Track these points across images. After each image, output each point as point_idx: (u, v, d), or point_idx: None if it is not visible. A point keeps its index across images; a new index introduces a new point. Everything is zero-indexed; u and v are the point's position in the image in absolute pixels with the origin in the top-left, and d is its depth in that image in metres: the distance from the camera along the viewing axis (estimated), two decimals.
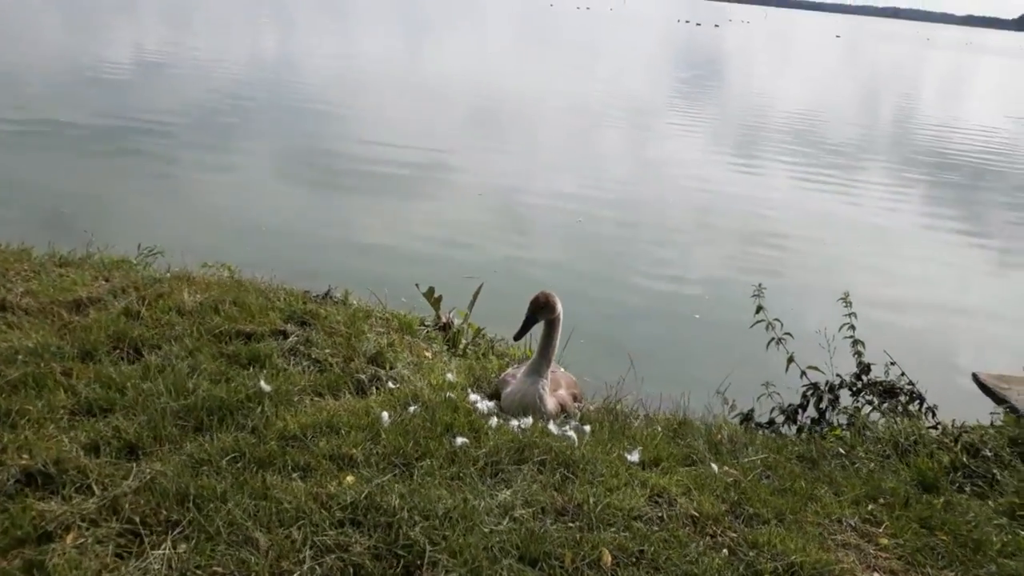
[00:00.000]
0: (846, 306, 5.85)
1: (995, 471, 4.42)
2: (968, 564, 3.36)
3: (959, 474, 4.43)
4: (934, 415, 5.77)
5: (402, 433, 3.64)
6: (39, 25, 32.15)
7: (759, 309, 5.61)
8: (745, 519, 3.37)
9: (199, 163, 14.23)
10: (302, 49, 33.95)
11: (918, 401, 5.76)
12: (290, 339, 4.84)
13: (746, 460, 3.95)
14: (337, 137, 17.41)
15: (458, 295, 6.42)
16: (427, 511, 3.00)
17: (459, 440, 3.59)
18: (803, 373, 5.59)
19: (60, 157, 13.50)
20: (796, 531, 3.30)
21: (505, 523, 3.01)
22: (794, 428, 5.37)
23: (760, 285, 5.63)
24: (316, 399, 4.08)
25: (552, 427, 4.03)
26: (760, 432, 5.21)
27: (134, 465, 3.20)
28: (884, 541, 3.44)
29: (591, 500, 3.22)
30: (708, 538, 3.19)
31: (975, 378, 8.07)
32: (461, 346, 6.08)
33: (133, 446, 3.35)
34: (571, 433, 3.85)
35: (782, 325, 5.62)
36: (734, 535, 3.22)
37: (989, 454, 4.60)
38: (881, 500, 3.85)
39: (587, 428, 4.06)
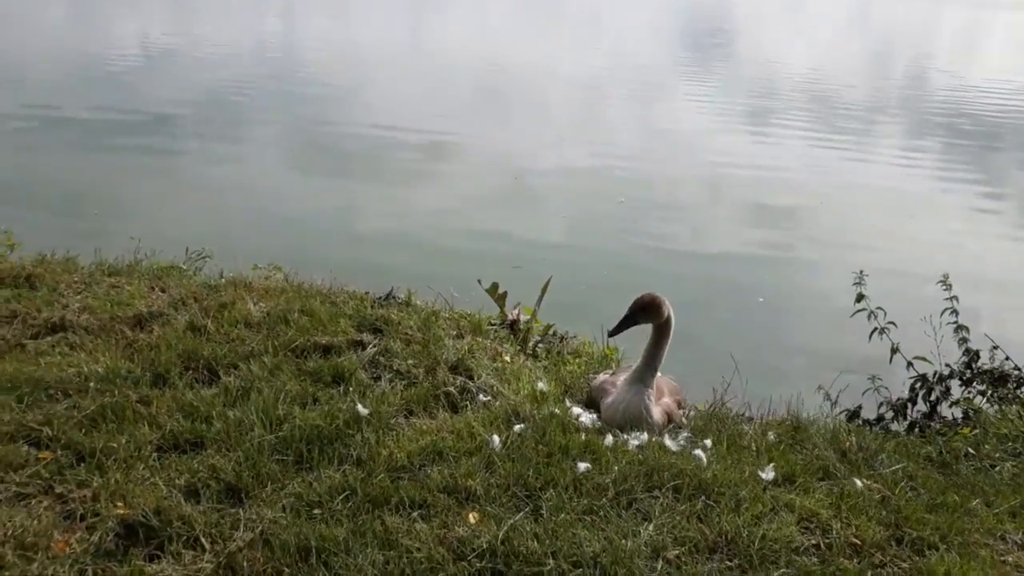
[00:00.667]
0: (946, 288, 5.48)
1: None
2: None
3: None
4: None
5: (517, 459, 3.34)
6: (35, 14, 31.72)
7: (860, 298, 5.25)
8: (910, 544, 3.05)
9: (211, 155, 13.91)
10: (304, 31, 33.37)
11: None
12: (368, 350, 4.55)
13: (887, 471, 3.62)
14: (349, 122, 17.00)
15: (508, 287, 6.03)
16: (573, 556, 2.70)
17: (581, 466, 3.29)
18: (909, 364, 5.24)
19: (67, 154, 13.19)
20: (966, 556, 2.98)
21: (660, 566, 2.71)
22: (904, 423, 5.04)
23: (862, 272, 5.27)
24: (411, 419, 3.78)
25: (669, 442, 3.72)
26: (870, 429, 4.89)
27: (240, 511, 2.91)
28: None
29: (743, 532, 2.91)
30: (877, 569, 2.88)
31: None
32: (530, 345, 5.77)
33: (234, 488, 3.06)
34: (698, 452, 3.53)
35: (885, 314, 5.27)
36: (905, 565, 2.90)
37: None
38: None
39: (708, 442, 3.73)
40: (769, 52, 35.82)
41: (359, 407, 3.63)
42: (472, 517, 2.94)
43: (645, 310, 3.95)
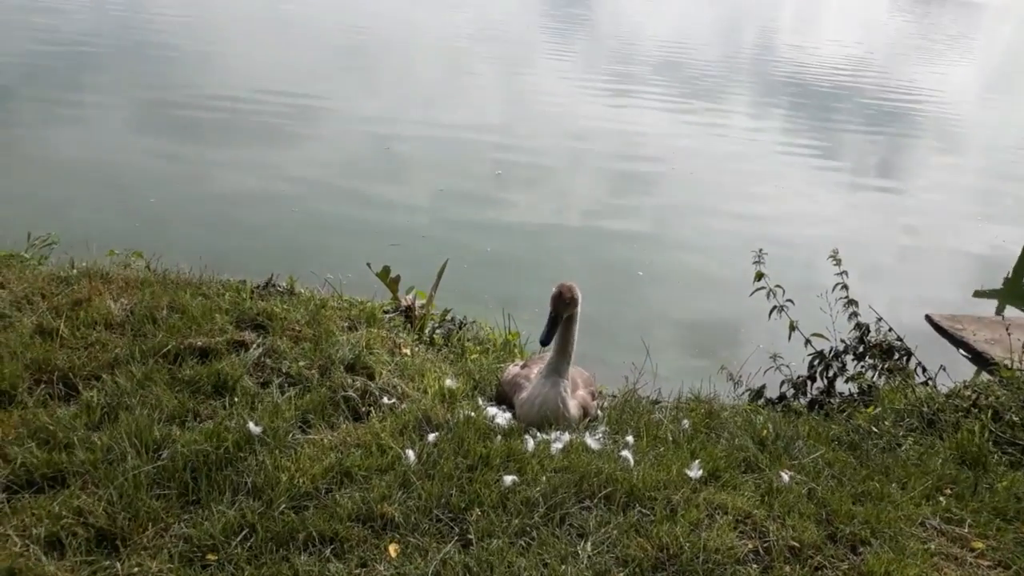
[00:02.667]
0: (836, 264, 5.58)
1: None
2: None
3: (989, 442, 4.24)
4: (925, 370, 5.65)
5: (436, 475, 3.03)
6: None
7: (759, 276, 5.25)
8: (844, 542, 3.00)
9: (49, 121, 12.44)
10: None
11: (906, 356, 5.63)
12: (252, 351, 4.09)
13: (807, 460, 3.58)
14: (205, 87, 15.71)
15: (393, 268, 5.66)
16: None
17: (507, 479, 3.03)
18: (807, 341, 5.31)
19: None
20: (899, 551, 2.95)
21: None
22: (805, 400, 5.10)
23: (761, 251, 5.26)
24: (310, 433, 3.39)
25: (590, 441, 3.52)
26: (774, 408, 4.92)
27: (116, 564, 2.47)
28: (978, 545, 3.17)
29: (684, 545, 2.75)
30: (816, 572, 2.79)
31: (928, 320, 8.15)
32: (428, 332, 5.45)
33: (107, 534, 2.60)
34: (625, 453, 3.34)
35: (784, 292, 5.30)
36: (844, 566, 2.84)
37: (1016, 419, 4.44)
38: (948, 491, 3.59)
39: (630, 439, 3.56)
40: (629, 19, 36.42)
41: (250, 424, 3.20)
42: (393, 550, 2.62)
43: (567, 304, 3.71)
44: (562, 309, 3.71)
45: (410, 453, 3.14)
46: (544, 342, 3.66)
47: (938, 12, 62.00)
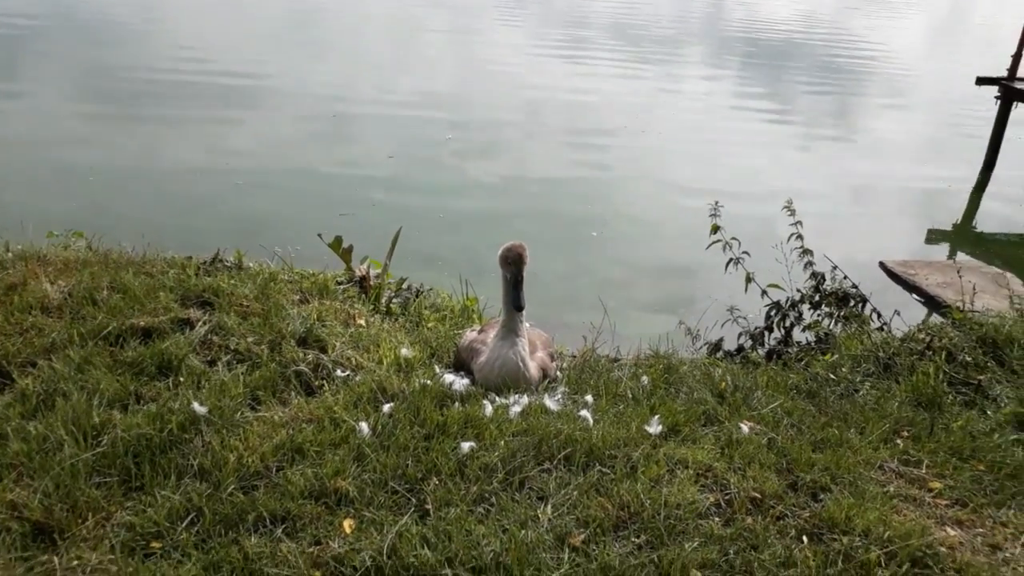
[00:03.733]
0: (791, 215, 5.58)
1: (979, 378, 4.31)
2: (1017, 495, 3.17)
3: (944, 383, 4.28)
4: (880, 316, 5.71)
5: (391, 446, 2.95)
6: None
7: (715, 229, 5.22)
8: (804, 490, 2.99)
9: None
10: None
11: (861, 303, 5.67)
12: (197, 328, 3.94)
13: (766, 410, 3.57)
14: (146, 61, 15.23)
15: (345, 238, 5.54)
16: (472, 561, 2.38)
17: (465, 446, 2.95)
18: (763, 292, 5.31)
19: None
20: (858, 496, 2.95)
21: (567, 556, 2.45)
22: (763, 351, 5.11)
23: (717, 203, 5.23)
24: (260, 411, 3.28)
25: (549, 402, 3.46)
26: (732, 360, 4.92)
27: (54, 558, 2.35)
28: (936, 485, 3.19)
29: (645, 503, 2.71)
30: (779, 522, 2.78)
31: (882, 266, 8.25)
32: (384, 302, 5.33)
33: (43, 528, 2.48)
34: (584, 413, 3.29)
35: (740, 244, 5.27)
36: (805, 513, 2.83)
37: (968, 359, 4.49)
38: (905, 433, 3.61)
39: (589, 398, 3.51)
40: None
41: (195, 404, 3.08)
42: (348, 526, 2.54)
43: (525, 262, 3.63)
44: (522, 269, 3.63)
45: (364, 426, 3.05)
46: (521, 307, 3.58)
47: None
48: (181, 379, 3.40)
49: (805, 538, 2.70)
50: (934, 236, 10.51)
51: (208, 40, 17.71)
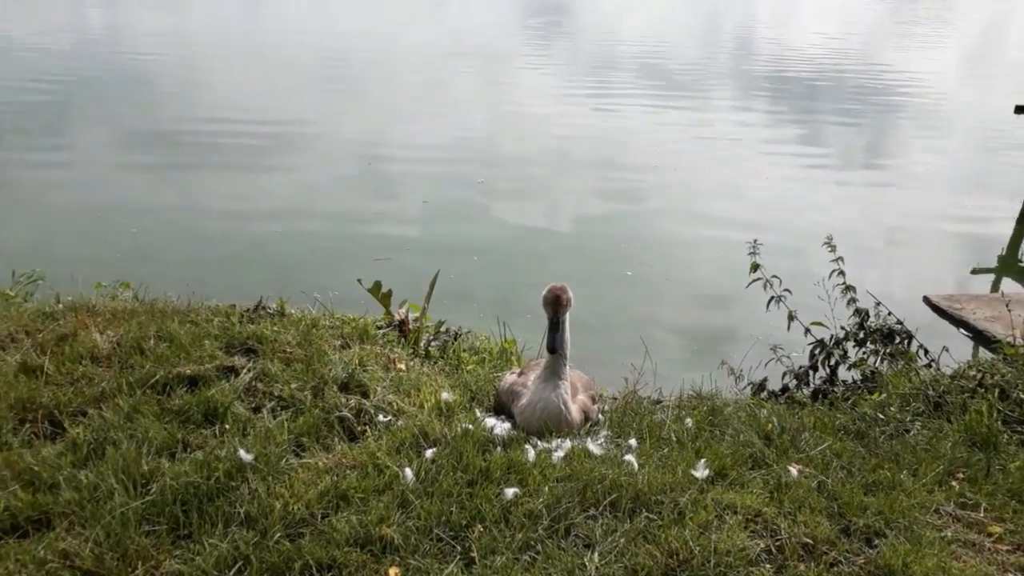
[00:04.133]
0: (831, 251, 5.51)
1: None
2: None
3: (998, 422, 4.16)
4: (927, 352, 5.58)
5: (435, 493, 2.94)
6: None
7: (755, 267, 5.18)
8: (858, 535, 2.91)
9: (32, 158, 12.41)
10: (131, 24, 30.61)
11: (907, 339, 5.55)
12: (242, 376, 4.00)
13: (814, 452, 3.49)
14: (186, 116, 15.66)
15: (383, 282, 5.59)
16: None
17: (509, 492, 2.93)
18: (807, 330, 5.23)
19: None
20: (915, 542, 2.86)
21: None
22: (807, 391, 5.02)
23: (756, 241, 5.19)
24: (304, 457, 3.30)
25: (592, 446, 3.43)
26: (777, 400, 4.84)
27: None
28: (996, 530, 3.08)
29: (694, 549, 2.66)
30: (832, 568, 2.70)
31: (926, 301, 8.08)
32: (423, 345, 5.36)
33: None
34: (629, 457, 3.26)
35: (780, 282, 5.23)
36: (860, 560, 2.75)
37: (1023, 396, 4.36)
38: (960, 475, 3.51)
39: (633, 442, 3.48)
40: (607, 24, 36.51)
41: (241, 452, 3.11)
42: (394, 574, 2.52)
43: (565, 306, 3.64)
44: (561, 312, 3.64)
45: (407, 471, 3.05)
46: (554, 349, 3.57)
47: None
48: (227, 426, 3.44)
49: None
50: (978, 269, 10.30)
51: (244, 92, 18.22)
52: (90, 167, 12.16)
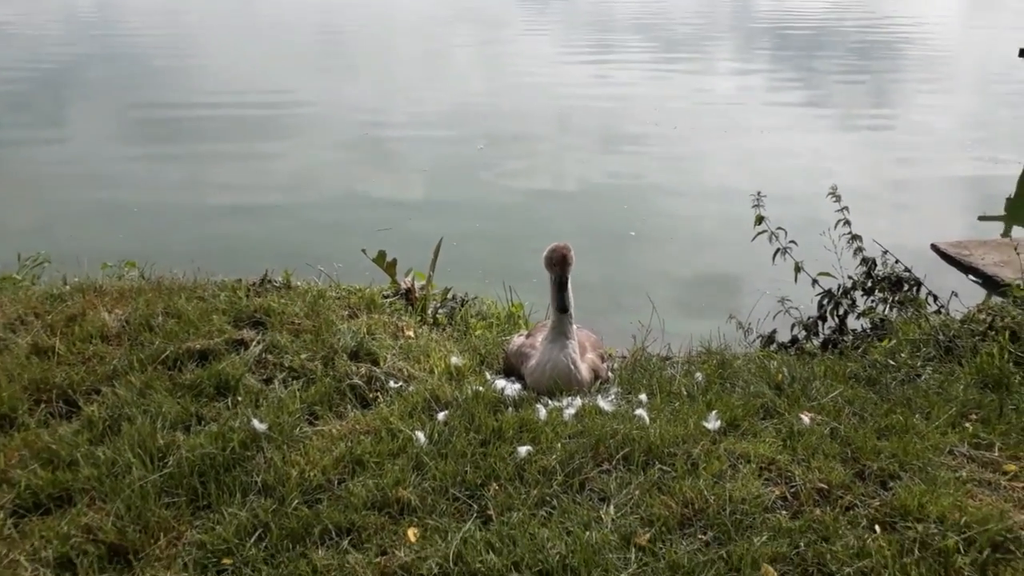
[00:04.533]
0: (836, 200, 5.46)
1: None
2: None
3: (1010, 363, 4.15)
4: (936, 299, 5.55)
5: (449, 454, 2.96)
6: None
7: (760, 220, 5.14)
8: (873, 478, 2.92)
9: (33, 139, 12.38)
10: (125, 4, 30.29)
11: (915, 286, 5.52)
12: (252, 348, 4.01)
13: (825, 400, 3.49)
14: (182, 94, 15.57)
15: (389, 252, 5.57)
16: (538, 564, 2.37)
17: (522, 450, 2.95)
18: (814, 281, 5.21)
19: None
20: (930, 482, 2.87)
21: (634, 556, 2.42)
22: (817, 342, 5.01)
23: (760, 193, 5.14)
24: (318, 425, 3.32)
25: (602, 403, 3.44)
26: (787, 352, 4.83)
27: None
28: (1011, 468, 3.08)
29: (709, 499, 2.68)
30: (848, 512, 2.72)
31: (934, 248, 8.04)
32: (430, 313, 5.36)
33: (118, 549, 2.53)
34: (640, 412, 3.27)
35: (787, 234, 5.19)
36: (875, 502, 2.76)
37: None
38: (973, 416, 3.51)
39: (643, 397, 3.48)
40: None
41: (255, 422, 3.13)
42: (412, 535, 2.55)
43: (570, 263, 3.63)
44: (567, 271, 3.63)
45: (420, 435, 3.06)
46: (564, 308, 3.57)
47: None
48: (239, 398, 3.46)
49: (877, 527, 2.64)
50: (985, 216, 10.22)
51: (240, 69, 18.09)
52: (89, 148, 12.12)
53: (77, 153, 11.91)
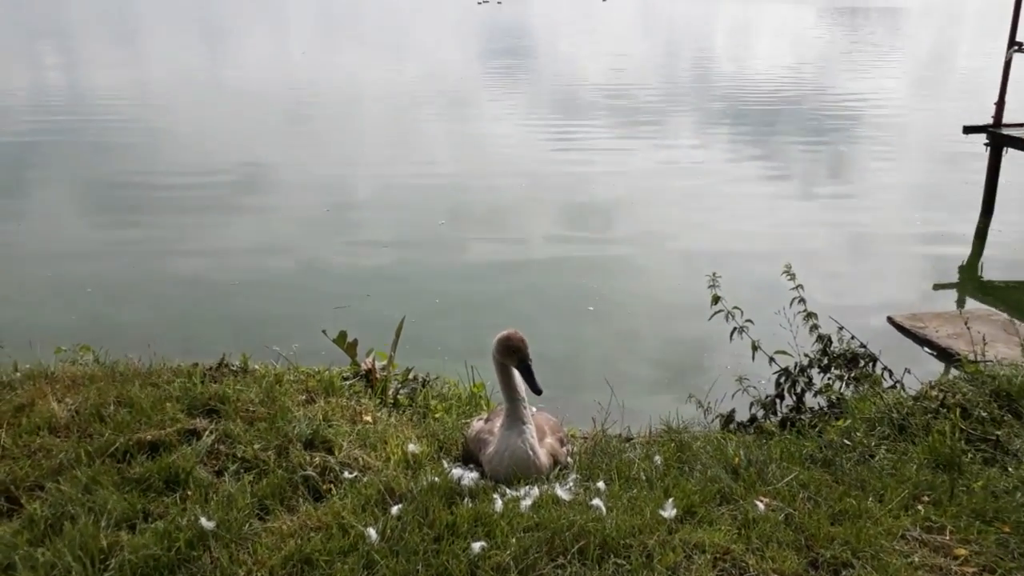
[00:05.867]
0: (790, 279, 5.58)
1: (997, 433, 4.24)
2: None
3: (961, 441, 4.21)
4: (891, 374, 5.64)
5: (401, 551, 2.90)
6: None
7: (716, 300, 5.23)
8: (826, 568, 2.92)
9: None
10: (92, 78, 30.48)
11: (871, 362, 5.62)
12: (204, 439, 3.94)
13: (781, 484, 3.51)
14: (143, 168, 15.68)
15: (332, 328, 5.55)
16: None
17: (476, 546, 2.90)
18: (771, 359, 5.28)
19: None
20: (881, 570, 2.88)
21: None
22: (776, 420, 5.05)
23: (715, 274, 5.25)
24: (268, 520, 3.24)
25: (560, 492, 3.41)
26: (746, 431, 4.86)
27: None
28: (961, 552, 3.10)
29: None
30: None
31: (891, 321, 8.21)
32: (391, 394, 5.32)
33: None
34: (597, 501, 3.25)
35: (742, 313, 5.28)
36: None
37: (984, 414, 4.42)
38: (926, 498, 3.54)
39: (601, 485, 3.47)
40: (567, 61, 37.13)
41: (202, 520, 3.05)
42: None
43: (526, 346, 3.65)
44: (527, 352, 3.65)
45: (372, 531, 3.01)
46: (540, 391, 3.58)
47: (863, 21, 64.11)
48: (189, 492, 3.38)
49: None
50: (941, 288, 10.49)
51: (204, 144, 18.21)
52: (45, 224, 12.05)
53: (33, 229, 11.83)
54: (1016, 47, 12.59)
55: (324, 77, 30.28)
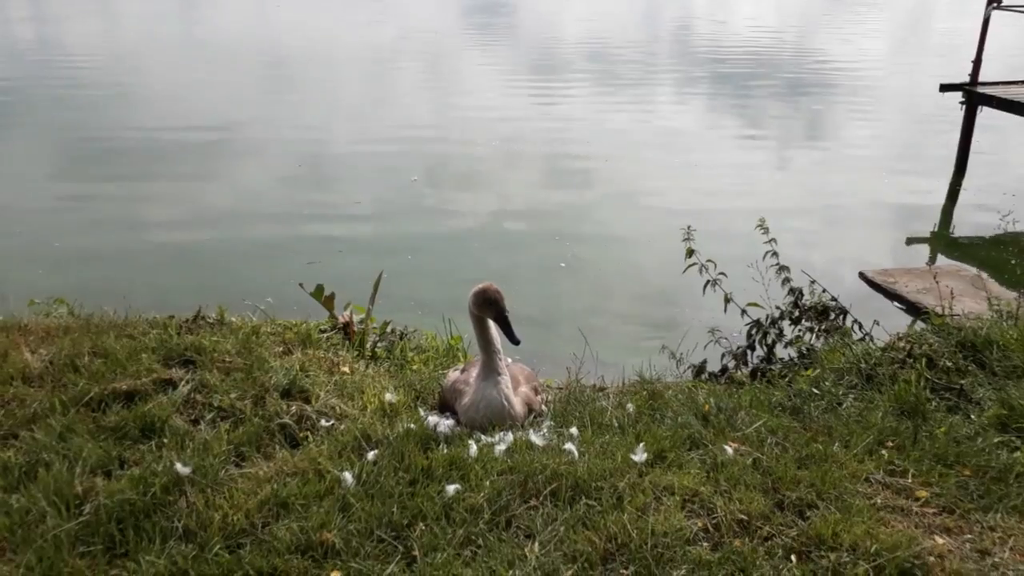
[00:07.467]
0: (764, 232, 5.63)
1: (961, 382, 4.34)
2: (1004, 498, 3.18)
3: (926, 390, 4.31)
4: (861, 327, 5.74)
5: (376, 494, 2.95)
6: None
7: (690, 252, 5.27)
8: (791, 508, 3.00)
9: None
10: (67, 35, 29.67)
11: (841, 315, 5.71)
12: (180, 388, 3.94)
13: (750, 430, 3.58)
14: (118, 124, 15.36)
15: (309, 284, 5.55)
16: None
17: (450, 489, 2.95)
18: (743, 311, 5.35)
19: None
20: (845, 511, 2.96)
21: None
22: (747, 370, 5.13)
23: (689, 227, 5.28)
24: (245, 467, 3.27)
25: (534, 437, 3.47)
26: (717, 382, 4.94)
27: None
28: (923, 494, 3.20)
29: (632, 533, 2.72)
30: (767, 542, 2.78)
31: (862, 276, 8.32)
32: (369, 347, 5.34)
33: None
34: (569, 445, 3.30)
35: (716, 266, 5.33)
36: (792, 532, 2.83)
37: (949, 364, 4.52)
38: (890, 443, 3.63)
39: (574, 430, 3.52)
40: (547, 21, 36.59)
41: (178, 465, 3.07)
42: None
43: (503, 298, 3.68)
44: (503, 304, 3.67)
45: (348, 475, 3.04)
46: (517, 341, 3.61)
47: None
48: (165, 440, 3.40)
49: (794, 557, 2.71)
50: (913, 243, 10.63)
51: (179, 100, 17.86)
52: (15, 181, 11.81)
53: (4, 186, 11.61)
54: (995, 3, 12.58)
55: (299, 31, 29.66)
